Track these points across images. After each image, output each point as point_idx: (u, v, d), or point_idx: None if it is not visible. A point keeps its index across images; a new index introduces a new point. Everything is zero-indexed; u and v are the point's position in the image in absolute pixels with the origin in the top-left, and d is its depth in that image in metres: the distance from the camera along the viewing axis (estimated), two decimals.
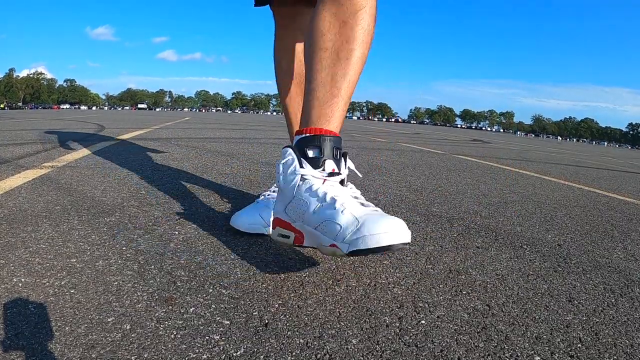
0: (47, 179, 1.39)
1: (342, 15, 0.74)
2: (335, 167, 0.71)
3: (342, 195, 0.66)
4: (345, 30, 0.75)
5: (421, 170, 2.49)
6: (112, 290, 0.62)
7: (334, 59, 0.75)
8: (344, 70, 0.75)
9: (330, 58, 0.75)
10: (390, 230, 0.58)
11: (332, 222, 0.63)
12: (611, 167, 4.76)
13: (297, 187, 0.69)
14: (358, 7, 0.74)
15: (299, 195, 0.69)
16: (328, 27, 0.75)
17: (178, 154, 2.33)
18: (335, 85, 0.74)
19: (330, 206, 0.65)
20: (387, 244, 0.58)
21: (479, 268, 0.85)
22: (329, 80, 0.75)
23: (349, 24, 0.74)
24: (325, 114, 0.73)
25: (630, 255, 1.06)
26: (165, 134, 3.90)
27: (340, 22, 0.75)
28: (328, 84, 0.75)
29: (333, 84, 0.75)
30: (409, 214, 1.27)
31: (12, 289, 0.60)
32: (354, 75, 0.76)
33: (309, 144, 0.71)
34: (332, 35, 0.75)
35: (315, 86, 0.75)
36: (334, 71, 0.75)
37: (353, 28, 0.74)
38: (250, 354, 0.49)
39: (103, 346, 0.48)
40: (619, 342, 0.60)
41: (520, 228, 1.23)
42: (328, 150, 0.70)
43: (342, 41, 0.75)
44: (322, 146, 0.70)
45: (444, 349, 0.54)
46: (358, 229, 0.60)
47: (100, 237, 0.84)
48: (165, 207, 1.12)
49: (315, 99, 0.75)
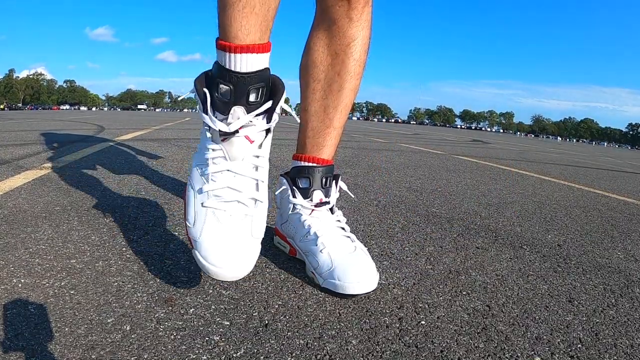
0: (46, 179, 1.39)
1: (334, 46, 0.75)
2: (323, 196, 0.75)
3: (324, 231, 0.72)
4: (337, 62, 0.76)
5: (421, 170, 2.49)
6: (112, 291, 0.62)
7: (326, 90, 0.78)
8: (336, 102, 0.78)
9: (322, 90, 0.78)
10: (356, 281, 0.64)
11: (312, 256, 0.71)
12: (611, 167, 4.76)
13: (289, 213, 0.77)
14: (350, 39, 0.74)
15: (291, 220, 0.77)
16: (320, 59, 0.77)
17: (178, 155, 2.33)
18: (328, 117, 0.78)
19: (312, 242, 0.71)
20: (352, 293, 0.64)
21: (479, 268, 0.85)
22: (322, 111, 0.78)
23: (340, 56, 0.75)
24: (318, 143, 0.78)
25: (630, 255, 1.06)
26: (165, 135, 3.90)
27: (332, 54, 0.76)
28: (321, 115, 0.78)
29: (325, 115, 0.78)
30: (408, 215, 1.27)
31: (12, 289, 0.60)
32: (345, 106, 0.79)
33: (300, 174, 0.76)
34: (324, 67, 0.77)
35: (309, 116, 0.79)
36: (326, 103, 0.78)
37: (344, 61, 0.76)
38: (250, 355, 0.49)
39: (103, 347, 0.48)
40: (619, 342, 0.60)
41: (520, 228, 1.23)
42: (317, 181, 0.75)
43: (334, 73, 0.77)
44: (311, 178, 0.75)
45: (444, 349, 0.54)
46: (330, 272, 0.66)
47: (100, 238, 0.84)
48: (165, 207, 1.12)
49: (310, 129, 0.79)
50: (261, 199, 0.60)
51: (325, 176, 0.76)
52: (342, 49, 0.75)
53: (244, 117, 0.55)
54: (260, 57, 0.54)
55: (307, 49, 0.79)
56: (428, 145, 5.55)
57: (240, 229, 0.58)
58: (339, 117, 0.79)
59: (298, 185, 0.76)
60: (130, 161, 1.97)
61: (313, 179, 0.75)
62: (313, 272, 0.70)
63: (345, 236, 0.73)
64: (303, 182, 0.76)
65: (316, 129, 0.78)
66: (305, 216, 0.74)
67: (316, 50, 0.77)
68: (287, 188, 0.77)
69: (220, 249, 0.55)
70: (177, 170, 1.77)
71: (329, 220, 0.74)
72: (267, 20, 0.55)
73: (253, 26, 0.54)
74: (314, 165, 0.76)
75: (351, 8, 0.72)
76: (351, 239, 0.73)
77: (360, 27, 0.74)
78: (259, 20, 0.54)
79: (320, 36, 0.76)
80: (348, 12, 0.72)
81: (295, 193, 0.76)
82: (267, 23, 0.56)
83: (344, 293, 0.64)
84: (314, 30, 0.77)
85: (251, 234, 0.58)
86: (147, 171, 1.69)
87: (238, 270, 0.55)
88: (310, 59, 0.78)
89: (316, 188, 0.75)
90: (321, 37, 0.76)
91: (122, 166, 1.78)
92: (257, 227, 0.59)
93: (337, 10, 0.72)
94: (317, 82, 0.78)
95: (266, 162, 0.61)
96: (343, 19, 0.73)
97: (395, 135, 8.48)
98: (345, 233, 0.74)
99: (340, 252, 0.69)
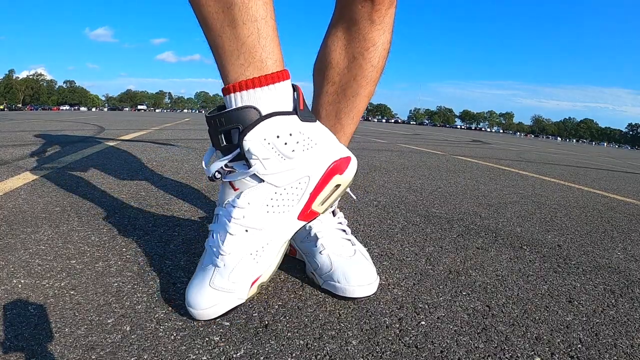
0: (46, 180, 1.39)
1: (353, 49, 0.70)
2: None
3: (325, 233, 0.71)
4: (354, 66, 0.71)
5: (421, 171, 2.49)
6: (112, 292, 0.62)
7: (341, 95, 0.73)
8: (349, 108, 0.74)
9: (336, 93, 0.73)
10: (357, 284, 0.64)
11: (312, 257, 0.70)
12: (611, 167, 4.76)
13: None
14: (370, 44, 0.69)
15: None
16: (337, 60, 0.72)
17: (178, 155, 2.33)
18: (339, 122, 0.75)
19: (312, 243, 0.71)
20: (351, 296, 0.64)
21: (479, 269, 0.85)
22: (333, 116, 0.74)
23: (358, 60, 0.70)
24: None
25: (630, 255, 1.07)
26: (165, 135, 3.90)
27: (350, 57, 0.71)
28: (332, 119, 0.75)
29: (337, 120, 0.74)
30: (408, 215, 1.27)
31: (12, 290, 0.60)
32: (358, 112, 0.75)
33: None
34: (340, 69, 0.72)
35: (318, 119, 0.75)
36: (339, 107, 0.74)
37: (362, 65, 0.71)
38: (250, 355, 0.49)
39: (103, 347, 0.48)
40: (619, 342, 0.60)
41: (520, 229, 1.23)
42: None
43: (350, 78, 0.72)
44: None
45: (444, 349, 0.54)
46: (330, 274, 0.66)
47: (100, 239, 0.84)
48: (165, 208, 1.12)
49: None
50: (225, 251, 0.54)
51: None
52: (361, 53, 0.70)
53: (217, 162, 0.54)
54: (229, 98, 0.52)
55: (324, 46, 0.74)
56: (428, 145, 5.55)
57: (205, 275, 0.56)
58: (350, 124, 0.75)
59: None
60: (130, 162, 1.97)
61: None
62: (313, 273, 0.70)
63: (345, 239, 0.73)
64: None
65: None
66: None
67: (333, 50, 0.72)
68: None
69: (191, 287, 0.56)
70: (177, 171, 1.77)
71: (330, 222, 0.74)
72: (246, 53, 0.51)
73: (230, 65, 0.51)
74: None
75: (375, 10, 0.66)
76: (352, 242, 0.72)
77: (382, 30, 0.69)
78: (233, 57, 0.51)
79: (339, 35, 0.71)
80: (370, 13, 0.67)
81: None
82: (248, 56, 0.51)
83: (344, 295, 0.65)
84: (332, 28, 0.72)
85: (210, 283, 0.55)
86: (147, 172, 1.69)
87: (198, 312, 0.54)
88: (327, 59, 0.73)
89: None
90: (339, 37, 0.71)
91: (122, 167, 1.78)
92: (217, 277, 0.55)
93: (358, 10, 0.67)
94: (331, 84, 0.74)
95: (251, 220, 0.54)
96: (365, 20, 0.67)
97: (395, 135, 8.48)
98: (346, 236, 0.73)
99: (340, 255, 0.69)
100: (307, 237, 0.73)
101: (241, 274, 0.55)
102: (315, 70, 0.77)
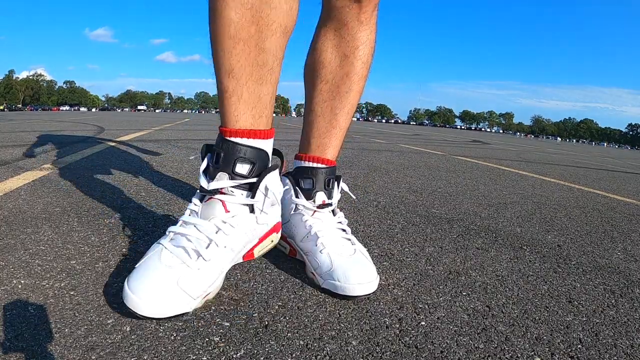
0: (46, 180, 1.39)
1: (343, 48, 0.75)
2: (326, 197, 0.76)
3: (325, 232, 0.72)
4: (346, 64, 0.76)
5: (421, 171, 2.49)
6: (112, 292, 0.62)
7: (334, 92, 0.78)
8: (343, 103, 0.78)
9: (330, 91, 0.78)
10: (357, 283, 0.64)
11: (312, 256, 0.71)
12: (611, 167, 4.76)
13: (291, 213, 0.77)
14: (359, 42, 0.75)
15: (293, 220, 0.76)
16: (329, 60, 0.76)
17: (178, 156, 2.33)
18: (335, 118, 0.78)
19: (313, 242, 0.71)
20: (351, 294, 0.64)
21: (479, 269, 0.85)
22: (329, 112, 0.78)
23: (350, 58, 0.75)
24: (323, 143, 0.78)
25: (630, 256, 1.07)
26: (165, 136, 3.90)
27: (341, 56, 0.76)
28: (328, 115, 0.78)
29: (332, 116, 0.78)
30: (408, 215, 1.27)
31: (12, 290, 0.60)
32: (352, 107, 0.79)
33: (303, 174, 0.76)
34: (332, 68, 0.77)
35: (314, 117, 0.79)
36: (334, 104, 0.78)
37: (353, 63, 0.76)
38: (250, 356, 0.49)
39: (103, 348, 0.48)
40: (619, 342, 0.60)
41: (520, 229, 1.23)
42: (320, 182, 0.75)
43: (343, 75, 0.76)
44: (314, 179, 0.75)
45: (444, 350, 0.54)
46: (330, 273, 0.67)
47: (100, 239, 0.84)
48: (165, 209, 1.12)
49: (315, 129, 0.79)
50: (206, 257, 0.57)
51: (328, 178, 0.76)
52: (351, 51, 0.75)
53: (225, 181, 0.59)
54: (250, 142, 0.60)
55: (314, 49, 0.78)
56: (428, 145, 5.55)
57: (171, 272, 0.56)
58: (345, 118, 0.79)
59: (301, 186, 0.76)
60: (130, 162, 1.97)
61: (316, 180, 0.75)
62: (313, 273, 0.70)
63: (345, 238, 0.73)
64: (306, 183, 0.76)
65: (322, 129, 0.78)
66: (307, 217, 0.74)
67: (324, 51, 0.76)
68: (289, 188, 0.77)
69: (144, 281, 0.55)
70: (177, 171, 1.77)
71: (330, 221, 0.74)
72: (260, 107, 0.60)
73: (243, 113, 0.59)
74: (317, 167, 0.76)
75: (362, 11, 0.72)
76: (352, 242, 0.73)
77: (369, 30, 0.75)
78: (249, 107, 0.59)
79: (329, 36, 0.76)
80: (358, 14, 0.72)
81: (298, 193, 0.76)
82: (261, 110, 0.60)
83: (344, 294, 0.65)
84: (321, 31, 0.77)
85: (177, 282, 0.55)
86: (146, 172, 1.69)
87: (149, 308, 0.53)
88: (318, 60, 0.77)
89: (319, 189, 0.75)
90: (330, 38, 0.76)
91: (121, 167, 1.78)
92: (187, 278, 0.56)
93: (347, 13, 0.72)
94: (324, 82, 0.77)
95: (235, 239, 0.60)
96: (353, 21, 0.73)
97: (395, 135, 8.48)
98: (346, 235, 0.74)
99: (340, 254, 0.69)
100: (307, 236, 0.73)
101: (207, 283, 0.58)
102: (307, 71, 0.80)
